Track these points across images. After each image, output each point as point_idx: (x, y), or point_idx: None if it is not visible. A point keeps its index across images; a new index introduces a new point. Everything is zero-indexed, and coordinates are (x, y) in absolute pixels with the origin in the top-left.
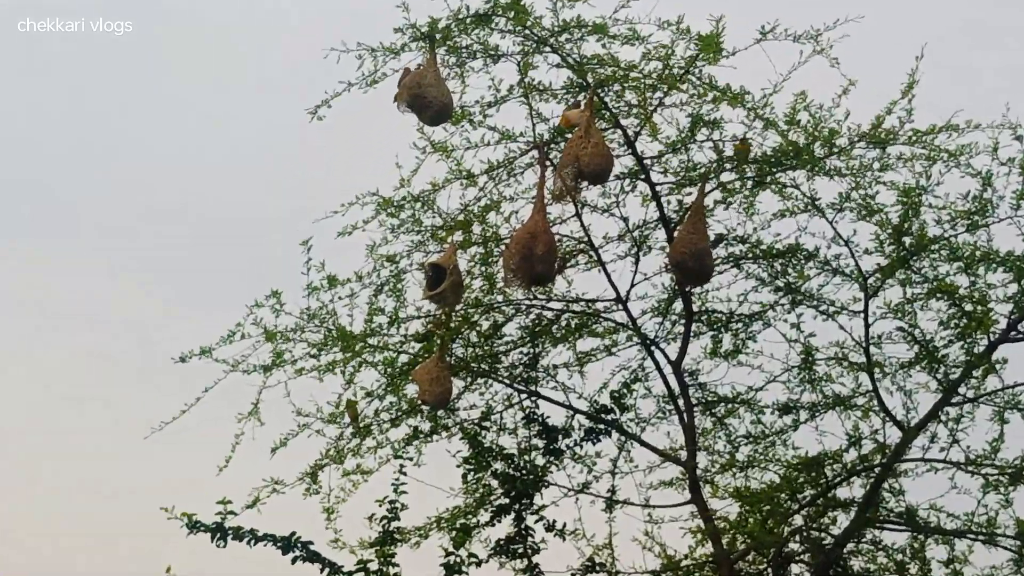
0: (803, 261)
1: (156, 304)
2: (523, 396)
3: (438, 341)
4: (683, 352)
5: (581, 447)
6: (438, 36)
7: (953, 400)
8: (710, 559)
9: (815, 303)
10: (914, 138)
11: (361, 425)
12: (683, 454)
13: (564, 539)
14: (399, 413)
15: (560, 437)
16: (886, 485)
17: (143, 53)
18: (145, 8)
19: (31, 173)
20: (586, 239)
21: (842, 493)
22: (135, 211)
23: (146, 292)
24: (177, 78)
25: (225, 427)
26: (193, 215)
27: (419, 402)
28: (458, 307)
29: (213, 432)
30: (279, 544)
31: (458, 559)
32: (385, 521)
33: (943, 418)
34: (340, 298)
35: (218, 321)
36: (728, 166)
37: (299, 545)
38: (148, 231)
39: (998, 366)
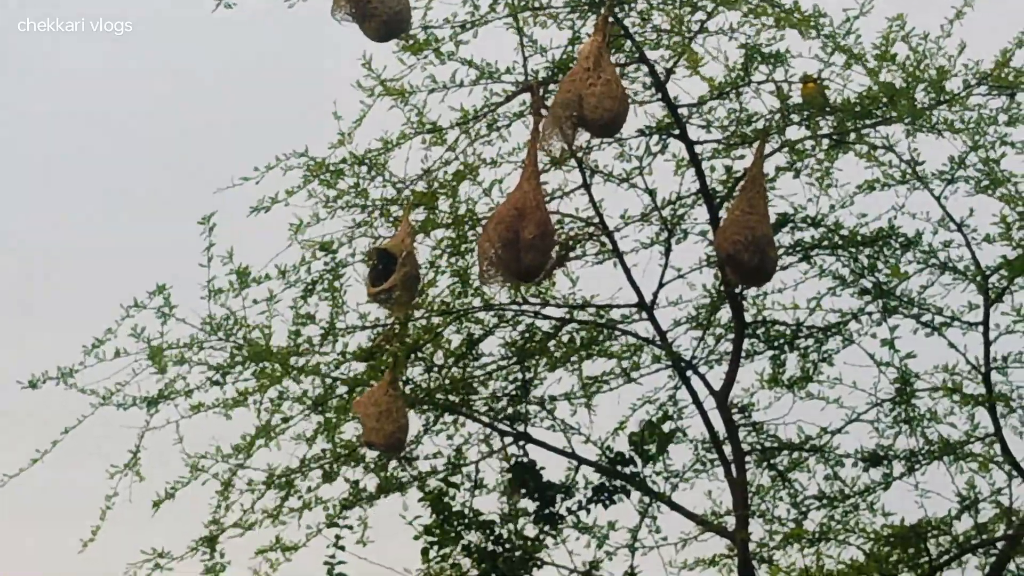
0: (900, 252)
1: None
2: (508, 440)
3: (389, 360)
4: (731, 379)
5: (588, 511)
6: None
7: None
8: None
9: (916, 311)
10: None
11: None
12: (730, 522)
13: None
14: (334, 463)
15: (559, 498)
16: (1012, 566)
17: None
18: None
19: None
20: (597, 219)
21: None
22: None
23: None
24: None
25: (92, 484)
26: (52, 173)
27: (363, 446)
28: (417, 312)
29: (75, 489)
30: None
31: None
32: None
33: None
34: (254, 301)
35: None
36: (796, 118)
37: None
38: None
39: None
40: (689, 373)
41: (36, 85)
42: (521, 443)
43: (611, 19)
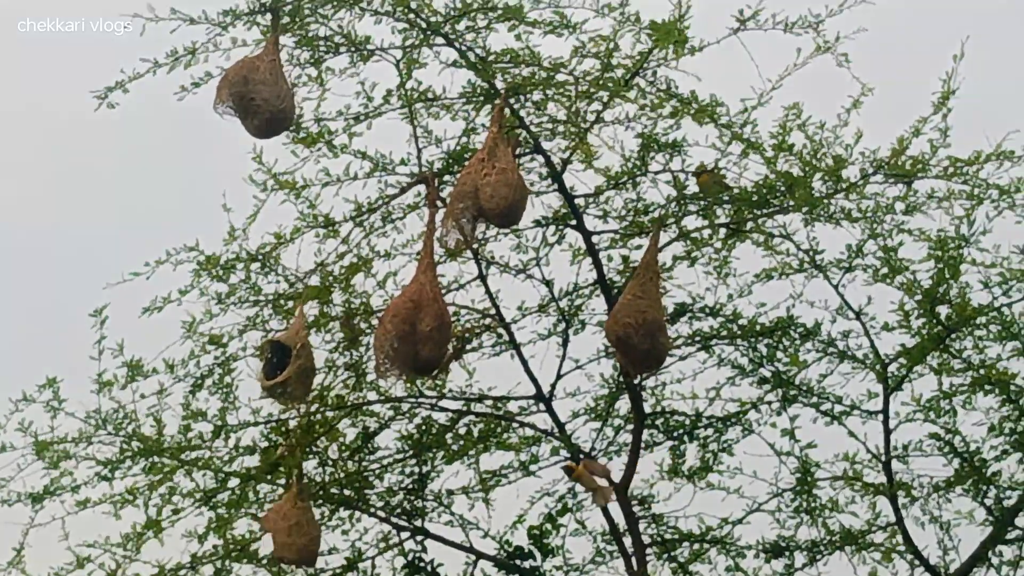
0: (798, 341)
1: None
2: (405, 535)
3: (294, 470)
4: (631, 471)
5: None
6: (284, 13)
7: (1009, 536)
8: None
9: (815, 400)
10: (952, 169)
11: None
12: None
13: None
14: (226, 560)
15: None
16: None
17: None
18: None
19: None
20: (493, 311)
21: None
22: None
23: None
24: None
25: None
26: None
27: (277, 560)
28: (312, 408)
29: None
30: None
31: None
32: None
33: (994, 561)
34: (144, 395)
35: None
36: (694, 207)
37: None
38: None
39: None
40: None
41: None
42: (419, 538)
43: (506, 109)
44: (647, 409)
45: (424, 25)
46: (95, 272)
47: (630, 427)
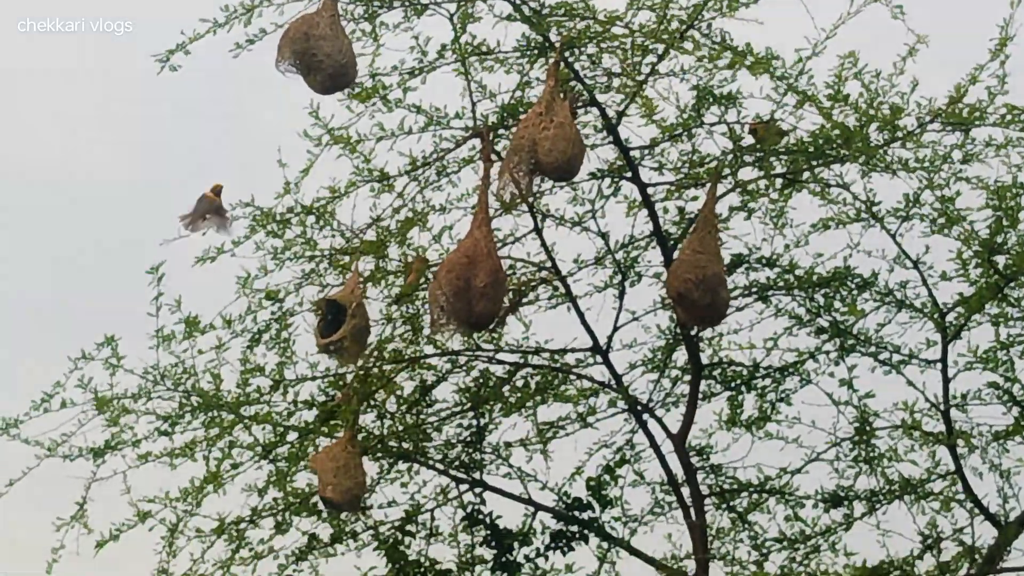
0: (855, 291)
1: None
2: (463, 488)
3: (350, 417)
4: (688, 421)
5: (546, 558)
6: None
7: None
8: None
9: (873, 350)
10: (1009, 117)
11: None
12: (690, 565)
13: None
14: (286, 513)
15: (516, 545)
16: None
17: None
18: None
19: None
20: (549, 264)
21: None
22: None
23: None
24: None
25: (39, 535)
26: None
27: (320, 499)
28: (369, 361)
29: (19, 542)
30: None
31: None
32: None
33: None
34: (201, 351)
35: (29, 380)
36: (749, 158)
37: None
38: None
39: None
40: (646, 416)
41: None
42: (477, 490)
43: (561, 63)
44: (704, 360)
45: None
46: (152, 228)
47: (687, 378)
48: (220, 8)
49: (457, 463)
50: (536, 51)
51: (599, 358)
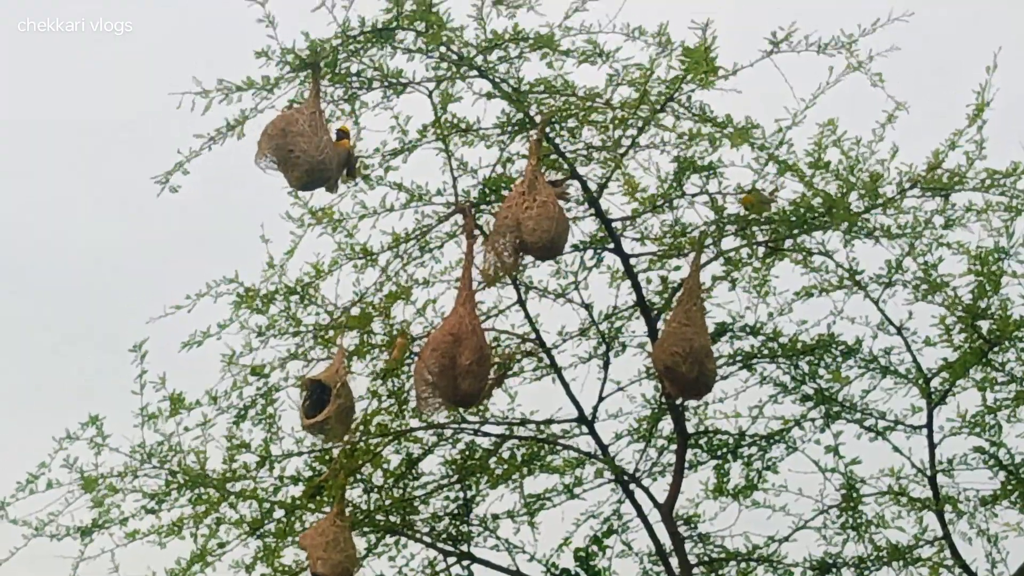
0: (840, 358)
1: None
2: (451, 560)
3: (337, 493)
4: (675, 491)
5: None
6: (323, 64)
7: None
8: None
9: (859, 416)
10: (989, 181)
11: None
12: None
13: None
14: None
15: None
16: None
17: None
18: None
19: None
20: (534, 336)
21: None
22: None
23: None
24: None
25: None
26: None
27: (311, 575)
28: (355, 436)
29: None
30: None
31: None
32: None
33: None
34: (187, 428)
35: (12, 462)
36: (731, 228)
37: None
38: None
39: None
40: (632, 486)
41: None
42: (465, 563)
43: (542, 139)
44: (690, 429)
45: (457, 57)
46: (135, 304)
47: (674, 447)
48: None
49: (445, 536)
50: (516, 127)
51: (585, 428)
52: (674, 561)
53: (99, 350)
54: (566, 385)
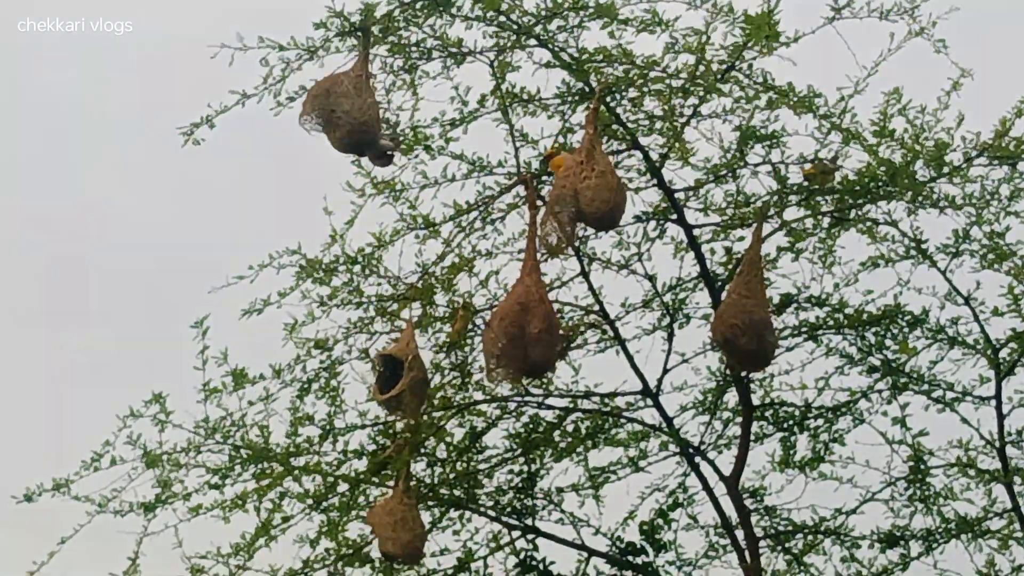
0: (906, 329)
1: None
2: (516, 534)
3: (402, 469)
4: (741, 464)
5: None
6: (375, 29)
7: None
8: None
9: (926, 387)
10: None
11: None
12: None
13: None
14: (339, 563)
15: None
16: None
17: None
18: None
19: None
20: (597, 307)
21: None
22: None
23: None
24: None
25: None
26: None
27: (381, 556)
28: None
29: None
30: None
31: None
32: None
33: None
34: (251, 403)
35: (77, 441)
36: (795, 198)
37: None
38: None
39: None
40: (698, 459)
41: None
42: (529, 536)
43: (602, 108)
44: (756, 401)
45: (516, 27)
46: (196, 279)
47: (739, 420)
48: (256, 81)
49: (509, 509)
50: (577, 97)
51: (649, 401)
52: (740, 534)
53: (162, 326)
54: (630, 357)
